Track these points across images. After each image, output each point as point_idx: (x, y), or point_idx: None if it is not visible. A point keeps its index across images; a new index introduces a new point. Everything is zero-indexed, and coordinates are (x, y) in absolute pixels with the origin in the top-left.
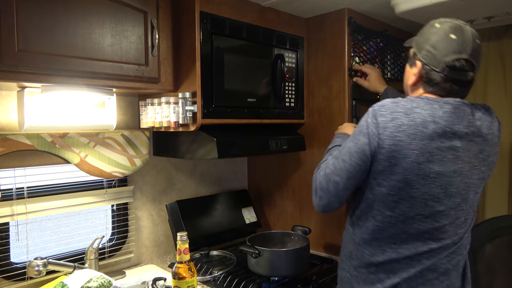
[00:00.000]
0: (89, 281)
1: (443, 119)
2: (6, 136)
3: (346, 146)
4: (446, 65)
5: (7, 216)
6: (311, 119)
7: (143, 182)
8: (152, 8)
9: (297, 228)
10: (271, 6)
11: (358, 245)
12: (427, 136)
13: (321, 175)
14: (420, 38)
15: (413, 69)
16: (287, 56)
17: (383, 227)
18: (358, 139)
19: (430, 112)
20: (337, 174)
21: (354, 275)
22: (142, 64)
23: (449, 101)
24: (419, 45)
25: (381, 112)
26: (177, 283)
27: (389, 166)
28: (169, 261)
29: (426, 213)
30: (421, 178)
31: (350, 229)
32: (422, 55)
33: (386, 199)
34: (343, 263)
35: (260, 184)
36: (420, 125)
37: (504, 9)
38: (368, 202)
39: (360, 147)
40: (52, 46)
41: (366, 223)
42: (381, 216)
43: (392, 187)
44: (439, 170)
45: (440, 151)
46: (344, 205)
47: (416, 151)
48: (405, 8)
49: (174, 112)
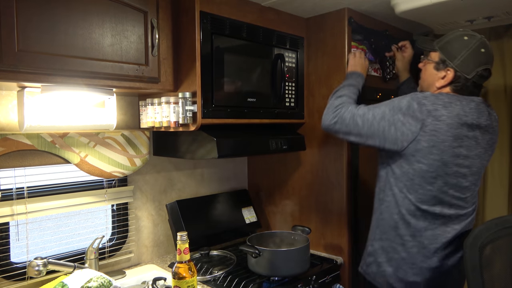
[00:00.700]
0: (89, 281)
1: (470, 114)
2: (6, 136)
3: (381, 112)
4: (477, 74)
5: (7, 216)
6: (311, 119)
7: (143, 182)
8: (152, 8)
9: (297, 228)
10: (271, 6)
11: (403, 215)
12: (460, 126)
13: (349, 110)
14: (450, 48)
15: (440, 73)
16: (287, 56)
17: (424, 199)
18: (398, 117)
19: (461, 107)
20: (362, 122)
21: (399, 243)
22: (142, 64)
23: (473, 99)
24: (450, 54)
25: (425, 101)
26: (177, 283)
27: (428, 147)
28: (169, 261)
29: (456, 188)
30: (454, 159)
31: (393, 201)
32: (455, 64)
33: (426, 174)
34: (384, 234)
35: (260, 184)
36: (456, 117)
37: (504, 9)
38: (410, 176)
39: (398, 124)
40: (52, 46)
41: (409, 195)
42: (422, 190)
43: (431, 165)
44: (467, 154)
45: (467, 139)
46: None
47: (451, 137)
48: (405, 8)
49: (174, 112)
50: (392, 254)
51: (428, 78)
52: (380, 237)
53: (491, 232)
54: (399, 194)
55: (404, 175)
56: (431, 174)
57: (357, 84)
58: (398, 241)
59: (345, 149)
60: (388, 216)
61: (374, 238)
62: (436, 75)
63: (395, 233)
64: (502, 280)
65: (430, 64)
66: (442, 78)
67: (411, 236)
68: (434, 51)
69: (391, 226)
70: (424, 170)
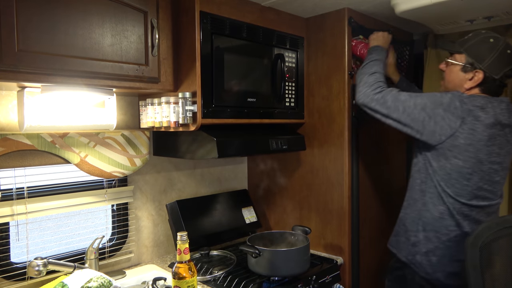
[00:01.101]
0: (89, 281)
1: (502, 114)
2: (6, 136)
3: (422, 102)
4: (504, 74)
5: (7, 216)
6: (311, 119)
7: (143, 182)
8: (152, 8)
9: (297, 228)
10: (271, 6)
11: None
12: (494, 126)
13: (392, 94)
14: (477, 50)
15: (468, 74)
16: (287, 56)
17: (462, 193)
18: (438, 111)
19: (494, 109)
20: (403, 109)
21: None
22: (142, 64)
23: (503, 100)
24: (478, 57)
25: (466, 100)
26: (177, 283)
27: (465, 145)
28: (169, 261)
29: (490, 182)
30: (488, 157)
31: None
32: (484, 66)
33: (462, 170)
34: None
35: (260, 184)
36: (492, 117)
37: (504, 9)
38: (447, 171)
39: (437, 118)
40: (52, 46)
41: (446, 189)
42: (459, 185)
43: (466, 161)
44: (499, 151)
45: (499, 137)
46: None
47: (486, 136)
48: (405, 8)
49: (174, 112)
50: (437, 244)
51: (454, 80)
52: (424, 227)
53: (492, 232)
54: (439, 187)
55: (441, 169)
56: (467, 170)
57: (383, 58)
58: (444, 231)
59: (345, 149)
60: (432, 207)
61: (418, 229)
62: (464, 77)
63: (440, 224)
64: (503, 280)
65: (455, 66)
66: (470, 79)
67: (456, 226)
68: (459, 53)
69: (436, 218)
70: (460, 166)
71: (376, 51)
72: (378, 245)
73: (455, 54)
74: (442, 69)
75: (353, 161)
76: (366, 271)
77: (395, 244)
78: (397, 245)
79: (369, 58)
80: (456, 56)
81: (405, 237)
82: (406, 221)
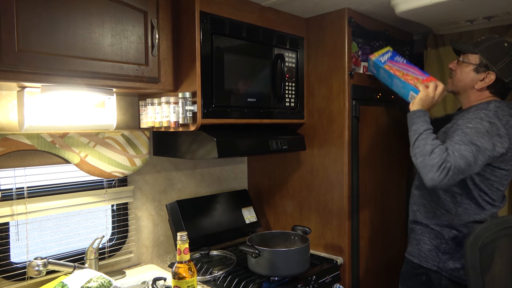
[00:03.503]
0: (89, 281)
1: None
2: (6, 136)
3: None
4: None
5: (7, 216)
6: (311, 119)
7: (143, 182)
8: (152, 8)
9: (297, 228)
10: (271, 6)
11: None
12: None
13: (457, 156)
14: (492, 53)
15: (480, 75)
16: (287, 56)
17: (496, 199)
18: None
19: None
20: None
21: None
22: (142, 64)
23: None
24: (493, 59)
25: (499, 115)
26: (177, 283)
27: (510, 156)
28: (169, 261)
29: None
30: None
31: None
32: (497, 68)
33: (503, 177)
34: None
35: (260, 184)
36: None
37: (504, 9)
38: (490, 182)
39: (492, 147)
40: (52, 46)
41: (486, 197)
42: (496, 190)
43: (509, 170)
44: None
45: None
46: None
47: None
48: (405, 8)
49: (174, 112)
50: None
51: (465, 79)
52: (456, 235)
53: (491, 232)
54: (479, 197)
55: (484, 181)
56: (506, 177)
57: (429, 124)
58: None
59: (345, 149)
60: (467, 217)
61: (450, 237)
62: (476, 77)
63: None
64: (503, 280)
65: (467, 66)
66: (482, 80)
67: None
68: (473, 53)
69: (470, 225)
70: (503, 175)
71: (424, 117)
72: (378, 245)
73: (468, 54)
74: (452, 68)
75: (353, 161)
76: (366, 271)
77: (417, 254)
78: (419, 254)
79: (419, 129)
80: (469, 56)
81: (432, 246)
82: (431, 231)
